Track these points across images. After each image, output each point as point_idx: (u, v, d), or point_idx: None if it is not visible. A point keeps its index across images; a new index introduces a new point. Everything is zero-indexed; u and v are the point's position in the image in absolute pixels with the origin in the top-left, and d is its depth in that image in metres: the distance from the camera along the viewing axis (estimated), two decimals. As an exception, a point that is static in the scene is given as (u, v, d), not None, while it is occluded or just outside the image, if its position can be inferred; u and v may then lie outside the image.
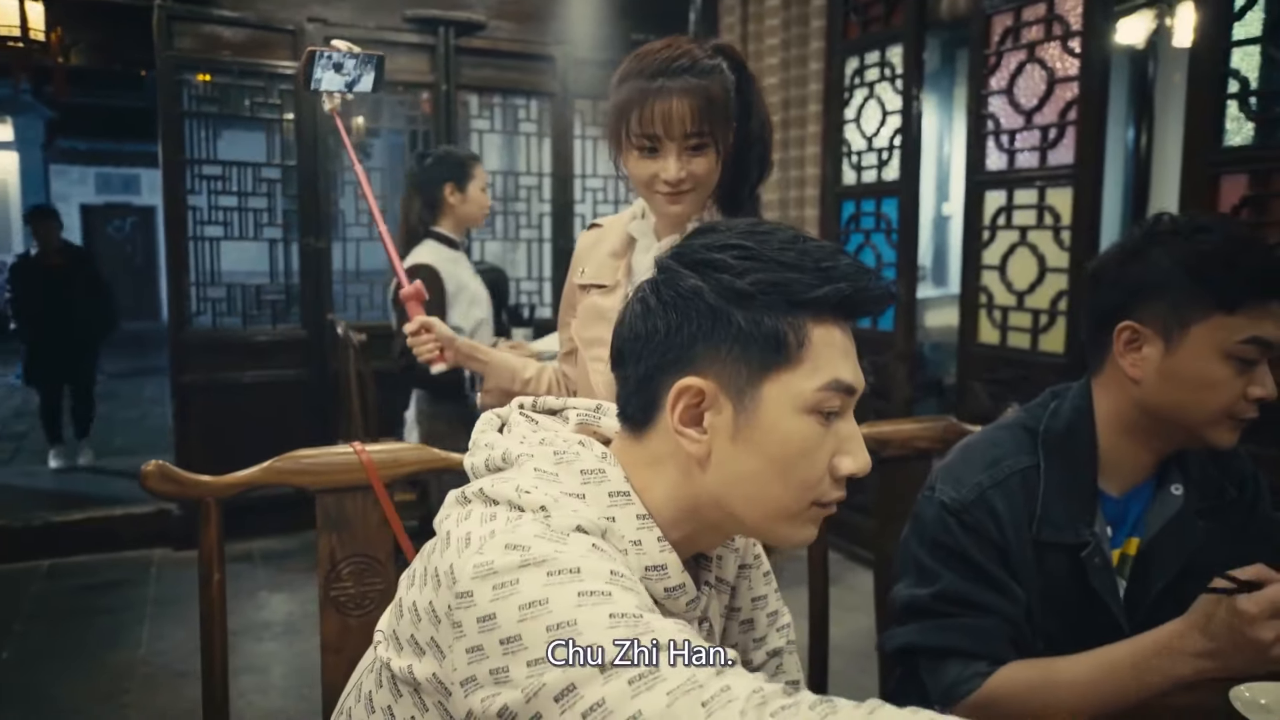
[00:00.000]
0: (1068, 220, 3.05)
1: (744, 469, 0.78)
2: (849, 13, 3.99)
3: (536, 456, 0.81)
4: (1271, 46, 2.47)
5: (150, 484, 1.24)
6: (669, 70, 1.37)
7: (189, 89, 4.10)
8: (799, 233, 0.80)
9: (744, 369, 0.76)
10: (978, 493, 1.21)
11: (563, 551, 0.69)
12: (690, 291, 0.77)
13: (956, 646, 1.17)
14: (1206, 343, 1.13)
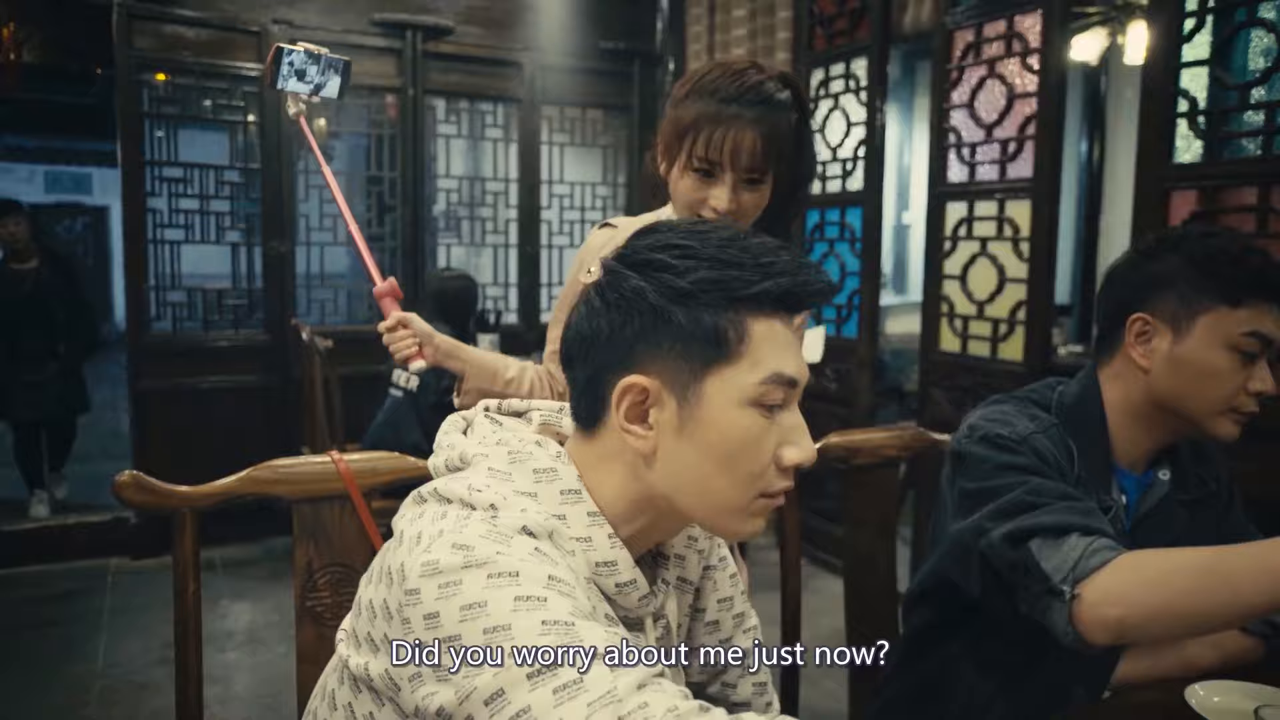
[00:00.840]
0: (1026, 232, 3.12)
1: (690, 463, 0.80)
2: (815, 25, 4.05)
3: (491, 456, 0.83)
4: (1218, 68, 2.56)
5: (125, 495, 1.22)
6: (742, 98, 1.34)
7: (149, 89, 4.04)
8: (740, 231, 0.82)
9: (686, 366, 0.78)
10: (1029, 432, 1.25)
11: (504, 554, 0.71)
12: (633, 292, 0.79)
13: (1073, 523, 1.12)
14: (1211, 334, 1.21)
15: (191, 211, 4.16)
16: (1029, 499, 1.17)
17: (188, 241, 4.16)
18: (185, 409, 4.06)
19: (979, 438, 1.27)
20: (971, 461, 1.26)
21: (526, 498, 0.79)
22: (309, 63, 1.55)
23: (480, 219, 4.85)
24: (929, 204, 3.51)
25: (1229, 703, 1.12)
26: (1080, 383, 1.34)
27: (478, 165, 5.06)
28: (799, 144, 1.42)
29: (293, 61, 1.54)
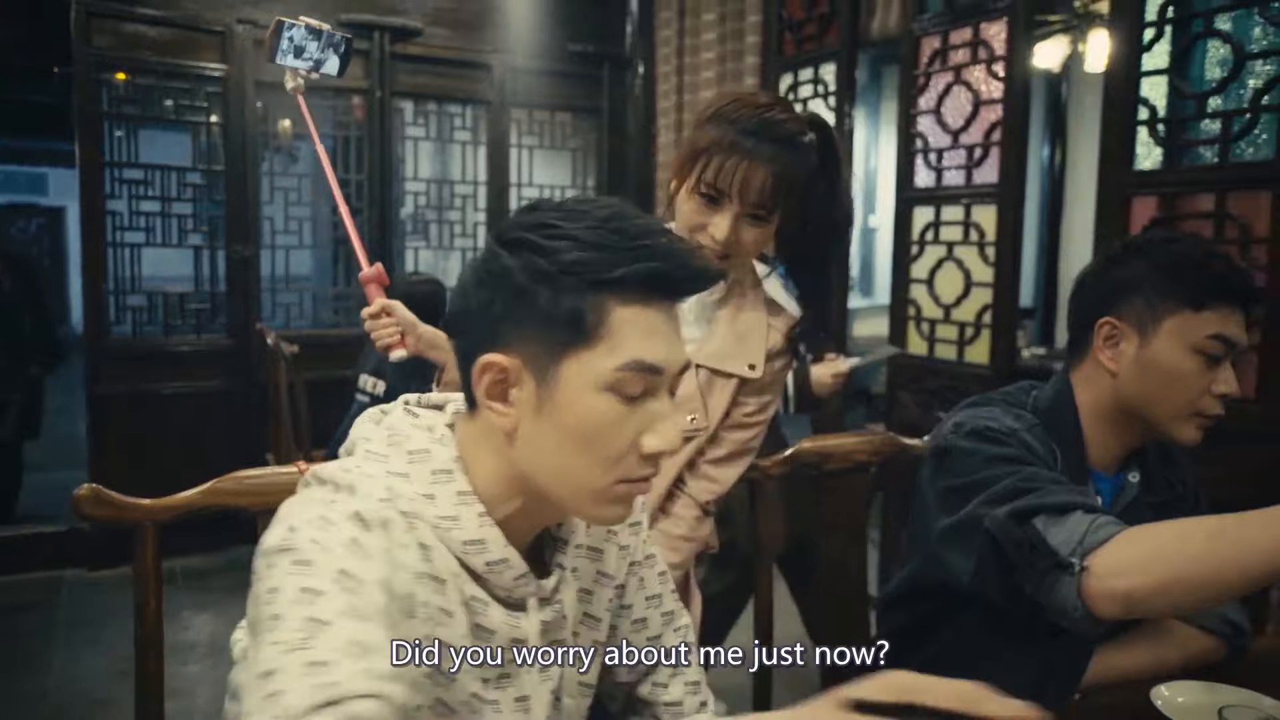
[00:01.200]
0: (992, 237, 3.16)
1: (548, 444, 0.80)
2: (784, 30, 4.06)
3: (373, 440, 0.85)
4: (1176, 77, 2.61)
5: (84, 509, 1.20)
6: (760, 132, 1.32)
7: (108, 88, 3.97)
8: (623, 209, 0.81)
9: (544, 347, 0.78)
10: (1013, 428, 1.27)
11: (316, 540, 0.73)
12: (501, 270, 0.79)
13: (1075, 502, 1.13)
14: (1176, 336, 1.24)
15: (153, 214, 4.09)
16: (1023, 485, 1.17)
17: (149, 244, 4.09)
18: (145, 415, 3.98)
19: (966, 432, 1.28)
20: (958, 456, 1.27)
21: (398, 478, 0.81)
22: (309, 38, 1.52)
23: (448, 222, 4.82)
24: (896, 208, 3.54)
25: (1193, 702, 1.14)
26: (1054, 386, 1.36)
27: (445, 168, 5.02)
28: (825, 188, 1.39)
29: (293, 36, 1.51)
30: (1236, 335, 1.24)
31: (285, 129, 4.47)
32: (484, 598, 0.83)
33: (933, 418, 3.35)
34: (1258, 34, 2.47)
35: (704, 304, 1.48)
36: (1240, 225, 2.44)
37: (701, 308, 1.48)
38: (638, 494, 0.84)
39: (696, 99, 4.45)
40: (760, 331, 1.46)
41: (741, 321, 1.46)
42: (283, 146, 4.51)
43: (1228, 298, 1.24)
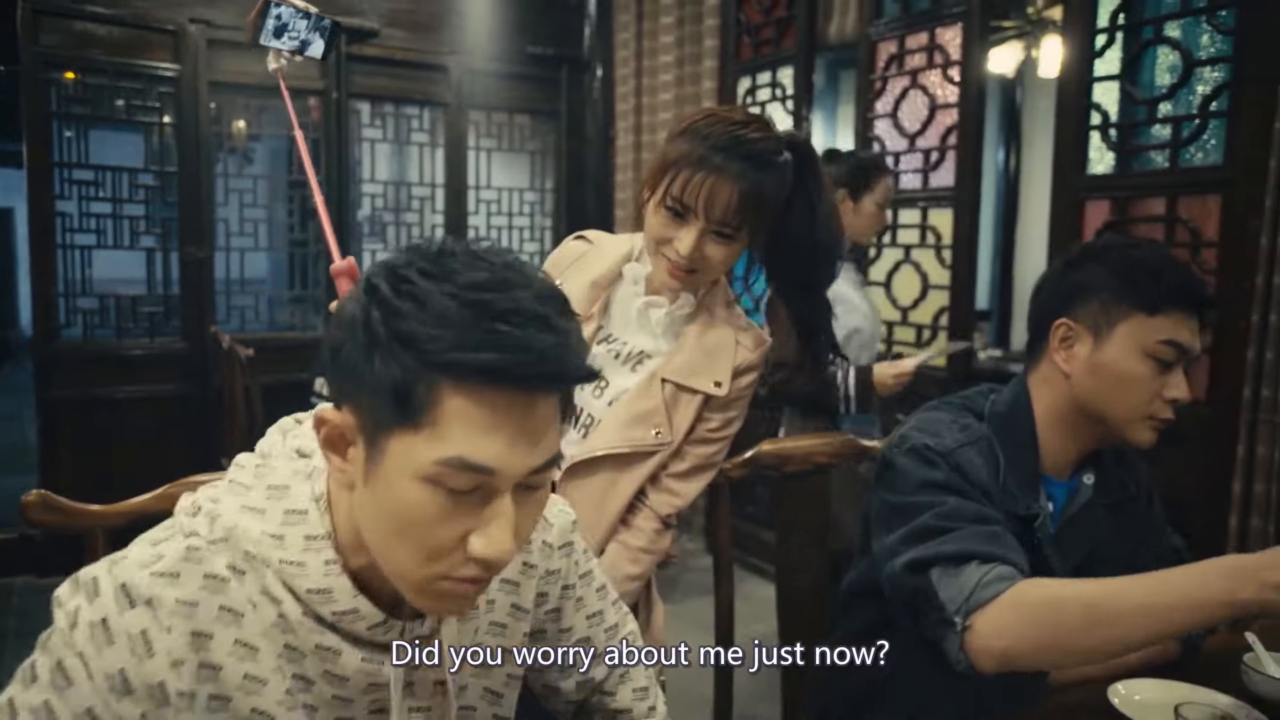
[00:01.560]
0: (949, 239, 3.20)
1: (370, 518, 0.73)
2: (742, 34, 4.09)
3: (245, 469, 0.82)
4: (1128, 83, 2.66)
5: (32, 515, 1.17)
6: (731, 149, 1.30)
7: (57, 88, 3.88)
8: (504, 277, 0.70)
9: (372, 416, 0.70)
10: (957, 444, 1.28)
11: (76, 618, 0.72)
12: (350, 317, 0.71)
13: (973, 550, 1.15)
14: (1129, 340, 1.25)
15: (104, 215, 3.99)
16: (938, 524, 1.20)
17: (100, 246, 4.00)
18: (98, 420, 3.90)
19: (906, 449, 1.29)
20: (896, 473, 1.29)
21: (251, 515, 0.77)
22: (297, 17, 1.48)
23: (406, 224, 4.78)
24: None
25: (1150, 700, 1.16)
26: (1011, 390, 1.37)
27: (403, 170, 4.98)
28: (804, 209, 1.39)
29: (280, 15, 1.47)
30: (1189, 342, 1.25)
31: (240, 130, 4.41)
32: (335, 645, 0.77)
33: (891, 420, 3.38)
34: (1205, 41, 2.54)
35: (673, 318, 1.47)
36: (1190, 229, 2.49)
37: (670, 321, 1.47)
38: (466, 592, 0.74)
39: (655, 102, 4.46)
40: (729, 349, 1.45)
41: (710, 338, 1.45)
42: (237, 148, 4.44)
43: (1182, 304, 1.24)
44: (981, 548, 1.16)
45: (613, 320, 1.49)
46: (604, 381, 1.45)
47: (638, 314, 1.47)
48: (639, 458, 1.41)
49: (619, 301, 1.49)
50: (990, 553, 1.15)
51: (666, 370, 1.42)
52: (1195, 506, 2.28)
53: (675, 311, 1.46)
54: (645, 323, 1.47)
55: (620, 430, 1.41)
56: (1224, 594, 1.00)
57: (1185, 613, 1.03)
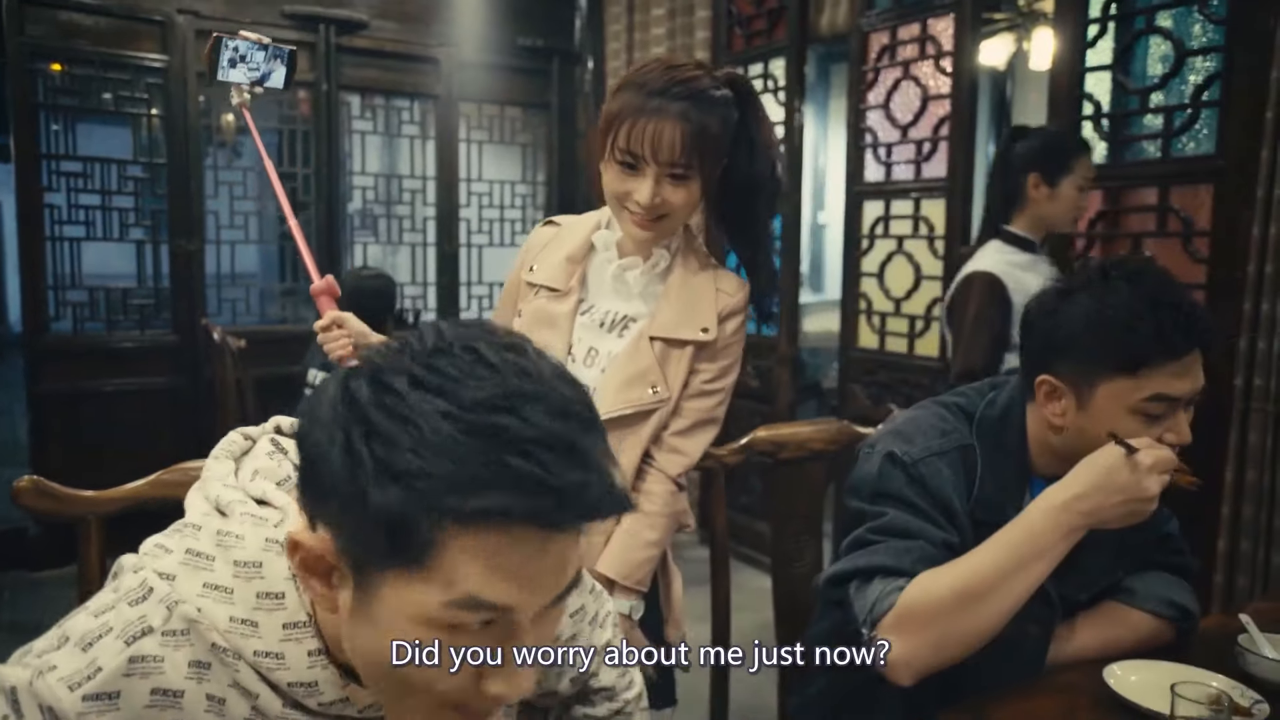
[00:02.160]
0: (941, 230, 3.20)
1: (366, 653, 0.65)
2: (733, 25, 4.08)
3: (204, 530, 0.71)
4: (1120, 73, 2.67)
5: (25, 501, 1.16)
6: (668, 91, 1.32)
7: (44, 79, 3.85)
8: (518, 388, 0.60)
9: (360, 548, 0.61)
10: (926, 454, 1.26)
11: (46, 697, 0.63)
12: (327, 426, 0.62)
13: (882, 565, 1.19)
14: (1113, 401, 1.19)
15: (93, 208, 3.96)
16: (867, 537, 1.23)
17: (89, 239, 3.97)
18: (89, 413, 3.87)
19: (876, 453, 1.29)
20: (860, 477, 1.30)
21: (218, 596, 0.67)
22: (253, 50, 1.48)
23: (397, 217, 4.76)
24: (847, 203, 3.58)
25: (1145, 680, 1.17)
26: (1007, 398, 1.33)
27: (394, 162, 4.96)
28: (748, 142, 1.41)
29: (236, 49, 1.47)
30: (1180, 390, 1.16)
31: (229, 123, 4.38)
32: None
33: (884, 410, 3.39)
34: (1197, 30, 2.54)
35: (650, 276, 1.48)
36: (1183, 219, 2.50)
37: (648, 280, 1.48)
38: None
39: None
40: (709, 295, 1.46)
41: (689, 288, 1.46)
42: (226, 141, 4.42)
43: (1162, 356, 1.15)
44: (891, 562, 1.19)
45: (591, 290, 1.50)
46: (594, 350, 1.47)
47: (614, 279, 1.48)
48: (640, 418, 1.43)
49: (595, 270, 1.51)
50: (898, 567, 1.18)
51: (653, 328, 1.44)
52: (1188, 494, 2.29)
53: (651, 270, 1.47)
54: (623, 287, 1.48)
55: (617, 394, 1.42)
56: (1055, 532, 1.12)
57: (1035, 562, 1.13)
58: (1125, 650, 1.28)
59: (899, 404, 3.34)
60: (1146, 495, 1.10)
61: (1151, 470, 1.10)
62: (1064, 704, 1.17)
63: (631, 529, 1.43)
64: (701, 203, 1.44)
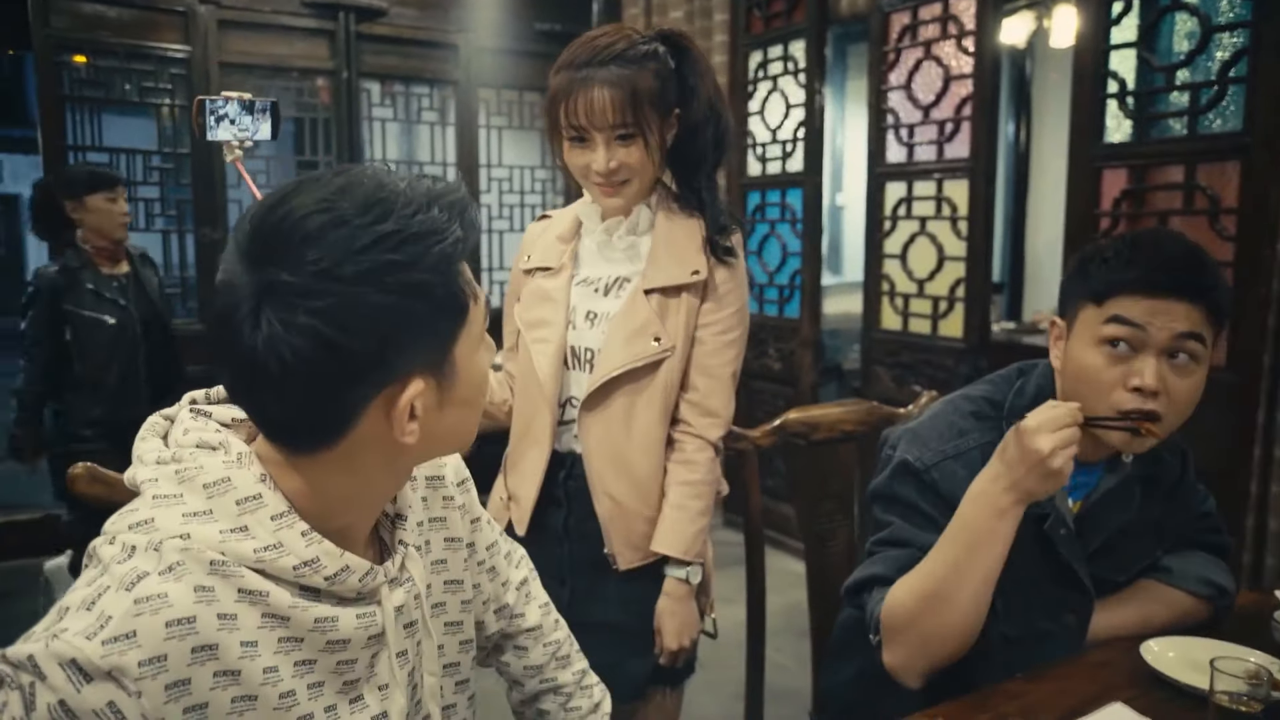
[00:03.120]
0: (964, 211, 3.20)
1: (451, 421, 0.80)
2: (752, 7, 4.07)
3: (160, 479, 0.74)
4: (1145, 50, 2.65)
5: (79, 487, 1.19)
6: (595, 60, 1.38)
7: (69, 71, 3.88)
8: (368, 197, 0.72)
9: (438, 342, 0.76)
10: (940, 458, 1.26)
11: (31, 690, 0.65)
12: (371, 308, 0.72)
13: (879, 575, 1.24)
14: (1084, 332, 1.22)
15: (119, 198, 4.00)
16: (874, 548, 1.27)
17: (115, 229, 4.00)
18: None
19: (898, 456, 1.29)
20: (878, 483, 1.32)
21: (201, 519, 0.72)
22: (240, 112, 1.53)
23: (418, 204, 4.77)
24: (868, 184, 3.57)
25: (1182, 656, 1.18)
26: (1037, 380, 1.33)
27: (413, 149, 4.97)
28: (684, 90, 1.45)
29: (223, 110, 1.52)
30: (1139, 315, 1.16)
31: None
32: (329, 614, 0.77)
33: (908, 392, 3.39)
34: (1224, 6, 2.52)
35: (636, 236, 1.51)
36: (1209, 196, 2.49)
37: (633, 240, 1.51)
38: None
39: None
40: (695, 236, 1.49)
41: (674, 235, 1.49)
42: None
43: (1127, 287, 1.17)
44: (886, 572, 1.22)
45: (583, 263, 1.55)
46: (592, 313, 1.51)
47: (599, 246, 1.53)
48: (647, 371, 1.45)
49: (585, 245, 1.56)
50: (889, 576, 1.21)
51: (646, 282, 1.47)
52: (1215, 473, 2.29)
53: (633, 228, 1.51)
54: (609, 251, 1.53)
55: (621, 350, 1.45)
56: (987, 517, 1.13)
57: (980, 548, 1.13)
58: (1161, 627, 1.28)
59: (923, 385, 3.34)
60: (1042, 455, 1.07)
61: (1037, 431, 1.08)
62: (1101, 680, 1.19)
63: (680, 502, 1.46)
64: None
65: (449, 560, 0.96)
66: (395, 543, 0.87)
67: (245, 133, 1.48)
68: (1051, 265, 5.58)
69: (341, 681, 0.80)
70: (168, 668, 0.67)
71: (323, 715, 0.78)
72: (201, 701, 0.69)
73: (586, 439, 1.48)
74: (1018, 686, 1.18)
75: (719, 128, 1.48)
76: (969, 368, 3.18)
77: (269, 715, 0.73)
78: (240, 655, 0.71)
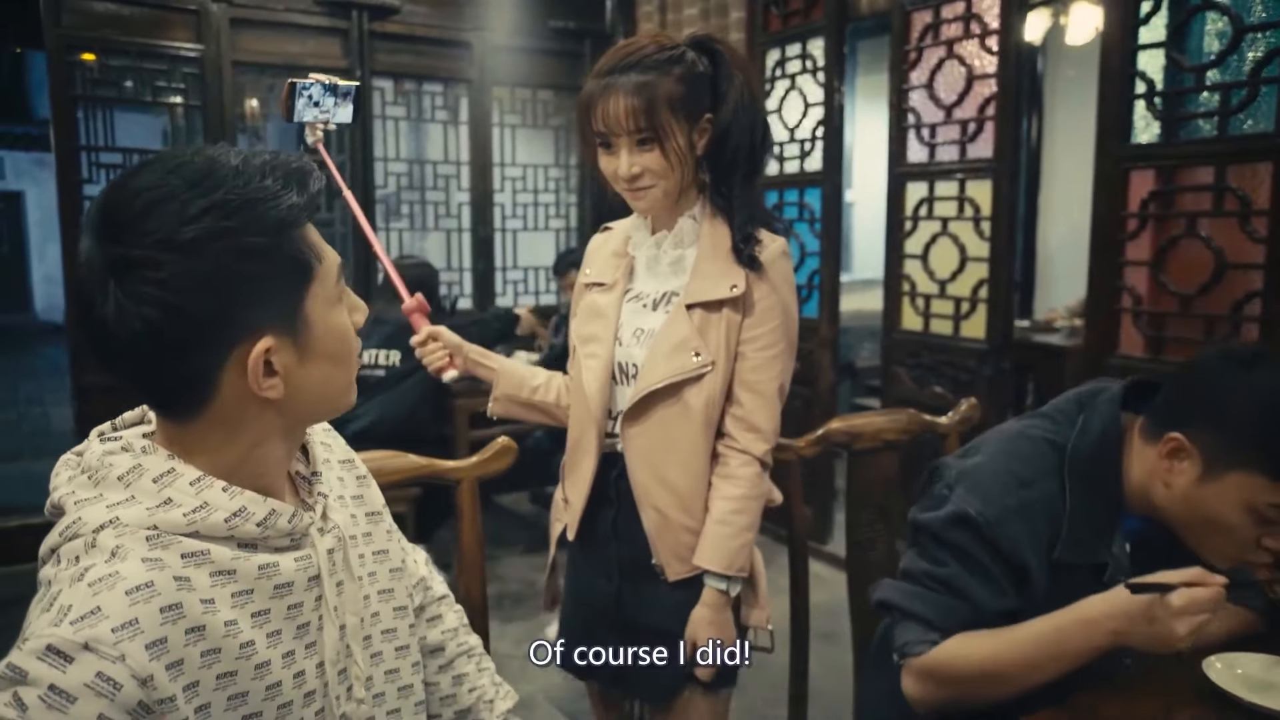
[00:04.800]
0: (987, 211, 3.18)
1: (317, 378, 0.83)
2: (769, 5, 4.04)
3: (76, 490, 0.79)
4: (1174, 50, 2.63)
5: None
6: (619, 67, 1.39)
7: (81, 70, 3.86)
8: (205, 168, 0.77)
9: (289, 302, 0.81)
10: (1001, 513, 1.22)
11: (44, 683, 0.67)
12: (212, 269, 0.76)
13: (921, 614, 1.25)
14: (1238, 492, 1.15)
15: (132, 199, 3.98)
16: (925, 581, 1.27)
17: (129, 230, 3.98)
18: (132, 404, 3.89)
19: (958, 508, 1.23)
20: (932, 513, 1.27)
21: (126, 505, 0.76)
22: (323, 94, 1.53)
23: (430, 203, 4.76)
24: (889, 184, 3.54)
25: (1251, 673, 1.16)
26: (1102, 428, 1.27)
27: (428, 147, 4.96)
28: (716, 96, 1.43)
29: (310, 94, 1.52)
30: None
31: (253, 108, 4.38)
32: (270, 559, 0.82)
33: (929, 393, 3.38)
34: (1257, 6, 2.49)
35: (680, 248, 1.50)
36: (1240, 197, 2.47)
37: (679, 254, 1.50)
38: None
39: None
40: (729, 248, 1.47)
41: (718, 250, 1.47)
42: (249, 127, 4.41)
43: None
44: (933, 617, 1.24)
45: (638, 278, 1.55)
46: (639, 330, 1.51)
47: (650, 262, 1.53)
48: (687, 385, 1.44)
49: (637, 260, 1.56)
50: (938, 624, 1.23)
51: (688, 297, 1.47)
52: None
53: (677, 240, 1.50)
54: (657, 267, 1.52)
55: (660, 364, 1.45)
56: (1083, 643, 1.14)
57: (1059, 662, 1.16)
58: (1214, 641, 1.26)
59: (945, 386, 3.33)
60: (1174, 637, 1.07)
61: (1180, 615, 1.07)
62: (1164, 700, 1.17)
63: (723, 517, 1.44)
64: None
65: (373, 533, 1.00)
66: (315, 497, 0.92)
67: (326, 115, 1.49)
68: (1063, 263, 5.57)
69: (295, 626, 0.84)
70: (142, 629, 0.70)
71: (280, 661, 0.82)
72: (178, 659, 0.73)
73: (629, 451, 1.48)
74: (1077, 709, 1.16)
75: (752, 134, 1.45)
76: (991, 369, 3.17)
77: (232, 665, 0.77)
78: (203, 611, 0.75)
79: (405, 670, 1.01)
